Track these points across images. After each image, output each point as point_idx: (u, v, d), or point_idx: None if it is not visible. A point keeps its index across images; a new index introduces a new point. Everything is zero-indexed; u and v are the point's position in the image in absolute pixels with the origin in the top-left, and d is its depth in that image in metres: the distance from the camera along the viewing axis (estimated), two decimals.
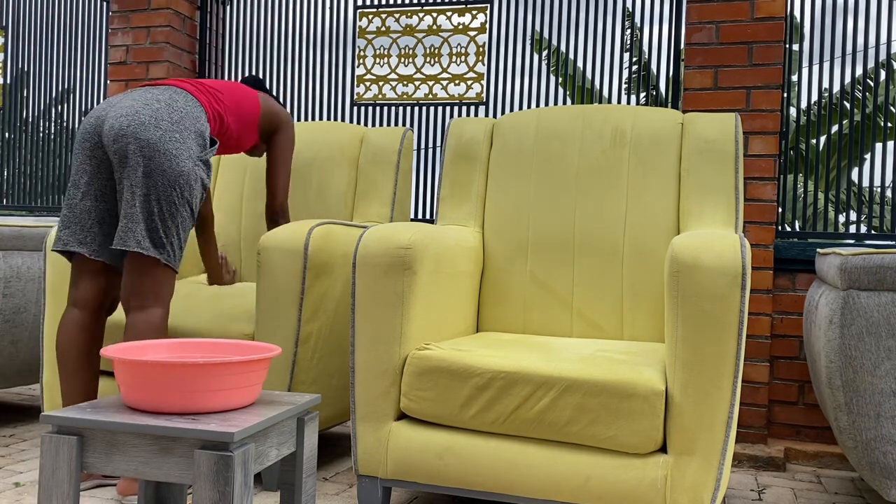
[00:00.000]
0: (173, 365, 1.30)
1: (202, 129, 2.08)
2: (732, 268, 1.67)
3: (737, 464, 2.67)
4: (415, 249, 1.93)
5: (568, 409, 1.74)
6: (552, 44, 4.20)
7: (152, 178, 1.97)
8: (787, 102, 2.94)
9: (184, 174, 2.00)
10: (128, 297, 2.04)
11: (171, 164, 1.98)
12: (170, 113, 2.03)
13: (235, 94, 2.28)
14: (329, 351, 2.28)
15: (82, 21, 3.92)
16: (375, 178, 2.76)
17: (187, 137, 2.03)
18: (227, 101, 2.23)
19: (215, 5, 3.74)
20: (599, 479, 1.74)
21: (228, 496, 1.24)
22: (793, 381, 2.84)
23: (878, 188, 3.42)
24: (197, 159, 2.04)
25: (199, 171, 2.05)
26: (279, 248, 2.13)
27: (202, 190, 2.07)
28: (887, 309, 1.83)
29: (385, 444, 1.92)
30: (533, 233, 2.38)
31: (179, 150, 2.00)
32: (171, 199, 1.99)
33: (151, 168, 1.97)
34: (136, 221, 1.97)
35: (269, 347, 1.52)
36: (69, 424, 1.31)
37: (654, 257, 2.27)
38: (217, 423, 1.28)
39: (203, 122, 2.10)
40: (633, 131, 2.38)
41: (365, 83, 3.47)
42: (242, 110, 2.28)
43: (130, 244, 1.97)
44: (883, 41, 2.86)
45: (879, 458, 1.85)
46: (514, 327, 2.36)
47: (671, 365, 1.72)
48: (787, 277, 2.84)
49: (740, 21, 2.83)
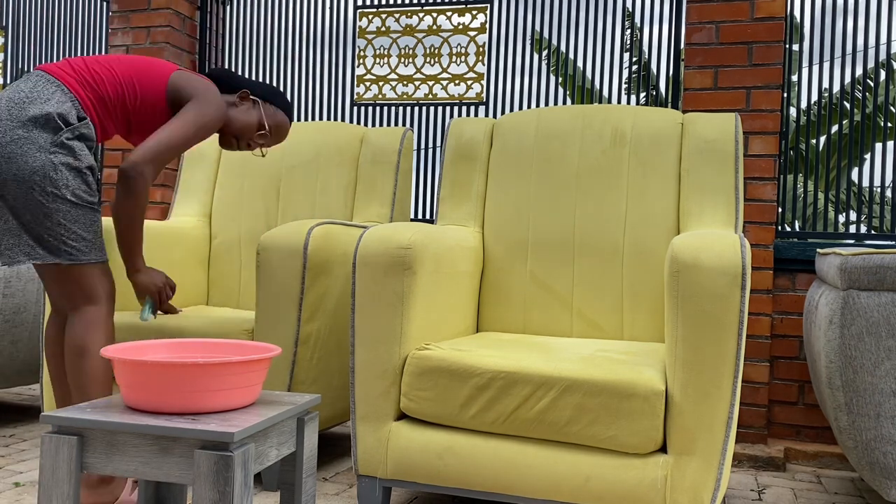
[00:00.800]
0: (173, 365, 1.30)
1: (52, 109, 1.86)
2: (732, 268, 1.67)
3: (737, 464, 2.67)
4: (415, 249, 1.93)
5: (568, 409, 1.74)
6: (552, 44, 4.20)
7: (7, 188, 1.82)
8: (787, 102, 2.94)
9: (37, 171, 1.81)
10: (57, 303, 1.97)
11: (18, 167, 1.81)
12: (9, 109, 1.85)
13: (136, 67, 2.02)
14: (329, 351, 2.28)
15: (82, 21, 3.92)
16: (375, 178, 2.76)
17: (32, 128, 1.84)
18: (117, 73, 1.98)
19: (215, 5, 3.74)
20: (599, 479, 1.74)
21: (228, 496, 1.24)
22: (793, 381, 2.84)
23: (877, 188, 3.42)
24: (51, 146, 1.84)
25: (58, 157, 1.84)
26: (278, 248, 2.13)
27: (74, 173, 1.86)
28: (887, 309, 1.83)
29: (385, 444, 1.92)
30: (533, 233, 2.38)
31: (24, 147, 1.82)
32: (35, 201, 1.82)
33: (3, 179, 1.82)
34: (17, 235, 1.85)
35: (269, 347, 1.52)
36: (69, 424, 1.31)
37: (654, 257, 2.27)
38: (217, 423, 1.28)
39: (55, 101, 1.88)
40: (633, 131, 2.38)
41: (365, 83, 3.47)
42: (142, 81, 1.99)
43: (21, 258, 1.85)
44: (883, 41, 2.86)
45: (879, 458, 1.85)
46: (514, 327, 2.36)
47: (671, 365, 1.72)
48: (787, 277, 2.84)
49: (740, 21, 2.83)
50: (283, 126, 2.21)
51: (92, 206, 1.91)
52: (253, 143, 2.17)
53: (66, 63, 1.96)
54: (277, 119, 2.19)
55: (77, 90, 1.92)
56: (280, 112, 2.20)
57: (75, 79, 1.93)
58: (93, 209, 1.91)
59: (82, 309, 1.92)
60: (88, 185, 1.90)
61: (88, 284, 1.91)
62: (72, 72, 1.94)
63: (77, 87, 1.92)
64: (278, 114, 2.20)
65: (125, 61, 2.02)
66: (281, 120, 2.20)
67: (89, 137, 1.92)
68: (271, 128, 2.18)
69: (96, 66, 1.98)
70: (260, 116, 2.16)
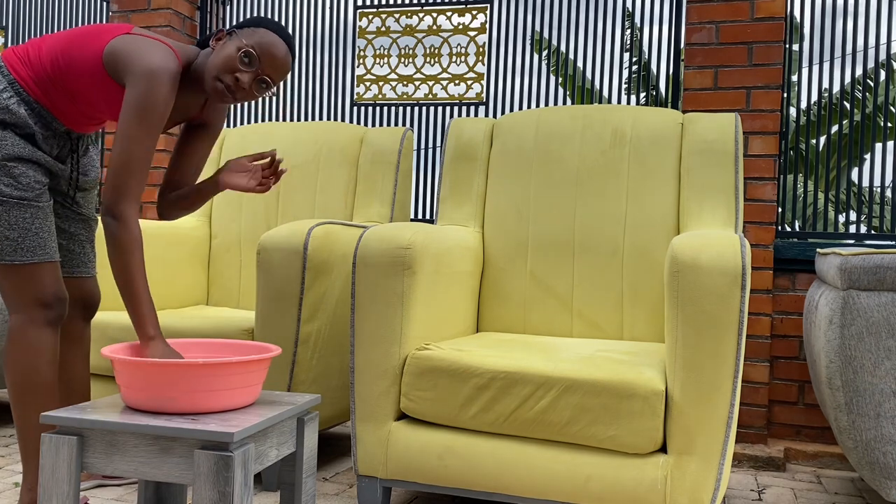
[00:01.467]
0: (173, 365, 1.30)
1: None
2: (732, 268, 1.67)
3: (737, 464, 2.67)
4: (415, 249, 1.93)
5: (568, 410, 1.74)
6: (552, 44, 4.20)
7: None
8: (787, 102, 2.94)
9: None
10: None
11: None
12: None
13: (79, 32, 1.77)
14: (329, 351, 2.28)
15: (82, 21, 3.92)
16: (375, 178, 2.76)
17: None
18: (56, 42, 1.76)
19: (215, 5, 3.74)
20: (599, 479, 1.74)
21: (228, 496, 1.24)
22: (793, 381, 2.84)
23: (877, 188, 3.42)
24: None
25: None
26: (278, 248, 2.13)
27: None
28: (887, 309, 1.83)
29: (385, 445, 1.92)
30: (533, 233, 2.38)
31: None
32: None
33: None
34: None
35: (269, 347, 1.52)
36: (69, 424, 1.31)
37: (653, 257, 2.27)
38: (217, 423, 1.28)
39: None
40: (632, 131, 2.38)
41: (365, 83, 3.47)
42: (78, 45, 1.74)
43: None
44: (883, 41, 2.86)
45: (879, 458, 1.85)
46: (514, 327, 2.36)
47: (671, 365, 1.72)
48: (787, 277, 2.84)
49: (740, 21, 2.83)
50: (271, 45, 1.73)
51: (17, 201, 1.70)
52: (241, 74, 1.71)
53: (23, 45, 1.77)
54: (259, 38, 1.72)
55: (18, 70, 1.73)
56: (263, 31, 1.74)
57: (18, 58, 1.75)
58: (19, 205, 1.70)
59: (11, 315, 1.77)
60: (14, 178, 1.69)
61: (10, 288, 1.74)
62: (19, 52, 1.76)
63: (19, 67, 1.74)
64: (259, 32, 1.73)
65: (74, 31, 1.77)
66: (265, 39, 1.72)
67: (12, 122, 1.70)
68: (255, 49, 1.71)
69: (45, 41, 1.77)
70: (237, 42, 1.72)
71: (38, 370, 1.76)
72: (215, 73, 1.71)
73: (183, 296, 2.79)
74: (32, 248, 1.73)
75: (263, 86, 1.74)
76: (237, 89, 1.71)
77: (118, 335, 2.32)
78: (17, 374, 1.76)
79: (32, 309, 1.75)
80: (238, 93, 1.72)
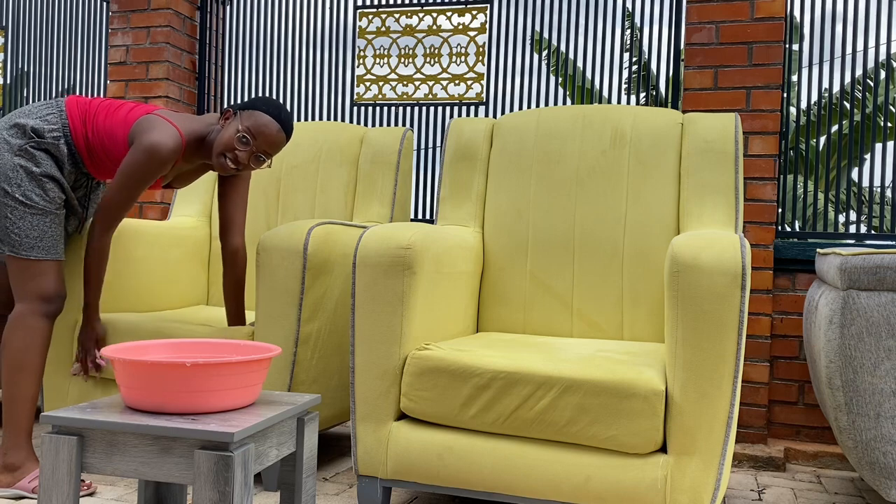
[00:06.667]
0: (173, 365, 1.30)
1: (31, 123, 2.10)
2: (732, 268, 1.67)
3: (737, 464, 2.67)
4: (415, 249, 1.93)
5: (568, 410, 1.74)
6: (552, 44, 4.20)
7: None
8: (787, 102, 2.94)
9: (0, 167, 2.08)
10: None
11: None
12: (10, 115, 2.14)
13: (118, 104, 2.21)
14: (329, 351, 2.28)
15: (82, 21, 3.92)
16: (375, 178, 2.76)
17: (13, 134, 2.10)
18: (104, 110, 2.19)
19: (215, 5, 3.74)
20: (599, 479, 1.74)
21: (228, 496, 1.24)
22: (793, 381, 2.84)
23: (878, 188, 3.42)
24: (17, 150, 2.08)
25: (19, 160, 2.07)
26: (278, 248, 2.13)
27: (30, 177, 2.08)
28: (887, 309, 1.83)
29: (385, 445, 1.92)
30: (533, 233, 2.38)
31: (0, 146, 2.09)
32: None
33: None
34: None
35: (269, 347, 1.52)
36: (69, 424, 1.31)
37: (654, 257, 2.27)
38: (217, 423, 1.28)
39: (41, 119, 2.12)
40: (632, 131, 2.39)
41: (365, 83, 3.47)
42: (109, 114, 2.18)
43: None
44: (882, 42, 2.86)
45: (879, 458, 1.85)
46: (514, 327, 2.36)
47: (671, 365, 1.72)
48: (787, 277, 2.84)
49: (740, 21, 2.83)
50: (265, 126, 2.10)
51: (42, 210, 2.09)
52: (239, 153, 2.10)
53: (89, 98, 2.21)
54: (255, 120, 2.10)
55: (74, 122, 2.15)
56: (258, 113, 2.11)
57: (79, 112, 2.16)
58: (42, 213, 2.09)
59: (17, 304, 2.10)
60: (45, 192, 2.09)
61: (21, 279, 2.09)
62: (81, 108, 2.17)
63: (76, 121, 2.15)
64: (255, 115, 2.11)
65: (118, 107, 2.19)
66: (260, 121, 2.11)
67: (55, 154, 2.12)
68: (251, 129, 2.09)
69: (101, 110, 2.18)
70: (237, 125, 2.11)
71: (29, 351, 2.10)
72: (219, 150, 2.12)
73: (183, 296, 2.79)
74: (46, 248, 2.10)
75: (260, 159, 2.15)
76: (237, 164, 2.12)
77: (119, 335, 2.32)
78: (12, 353, 2.09)
79: (35, 300, 2.10)
80: (238, 166, 2.13)
